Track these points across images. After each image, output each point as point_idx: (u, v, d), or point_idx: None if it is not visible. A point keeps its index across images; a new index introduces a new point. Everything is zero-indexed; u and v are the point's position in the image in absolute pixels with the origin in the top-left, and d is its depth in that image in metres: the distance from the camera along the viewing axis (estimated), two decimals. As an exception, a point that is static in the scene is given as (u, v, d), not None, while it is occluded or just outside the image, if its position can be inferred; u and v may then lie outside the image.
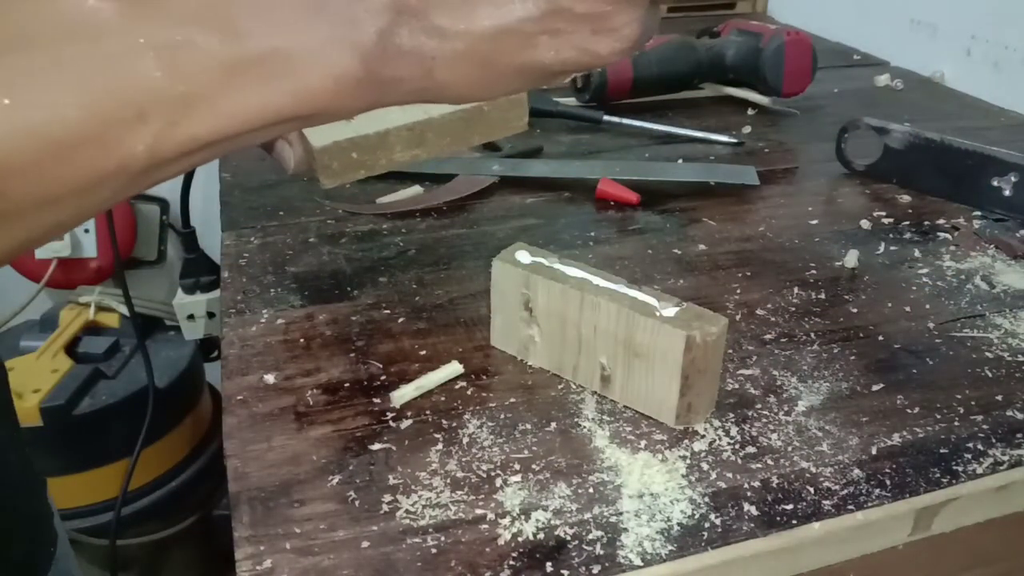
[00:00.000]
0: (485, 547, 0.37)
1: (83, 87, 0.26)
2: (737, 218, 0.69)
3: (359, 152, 0.45)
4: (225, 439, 0.44)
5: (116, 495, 1.11)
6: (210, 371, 1.32)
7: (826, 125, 0.87)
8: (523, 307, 0.48)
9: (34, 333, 1.18)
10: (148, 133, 0.27)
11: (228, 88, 0.27)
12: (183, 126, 0.27)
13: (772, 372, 0.50)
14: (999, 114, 0.95)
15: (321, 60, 0.28)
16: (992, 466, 0.43)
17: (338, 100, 0.30)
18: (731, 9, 1.39)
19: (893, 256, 0.63)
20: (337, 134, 0.44)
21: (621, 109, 0.89)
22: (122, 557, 1.14)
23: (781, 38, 0.89)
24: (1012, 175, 0.67)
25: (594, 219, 0.68)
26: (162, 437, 1.16)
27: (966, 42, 1.02)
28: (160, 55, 0.26)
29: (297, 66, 0.28)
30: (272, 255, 0.61)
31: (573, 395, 0.47)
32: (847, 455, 0.43)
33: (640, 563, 0.37)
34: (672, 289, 0.57)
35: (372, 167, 0.46)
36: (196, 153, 0.28)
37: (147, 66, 0.26)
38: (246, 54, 0.27)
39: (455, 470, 0.42)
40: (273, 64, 0.28)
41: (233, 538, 0.38)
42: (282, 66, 0.28)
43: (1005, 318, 0.55)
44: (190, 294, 0.80)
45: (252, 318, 0.54)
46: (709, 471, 0.42)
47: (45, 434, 1.04)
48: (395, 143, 0.46)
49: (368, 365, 0.49)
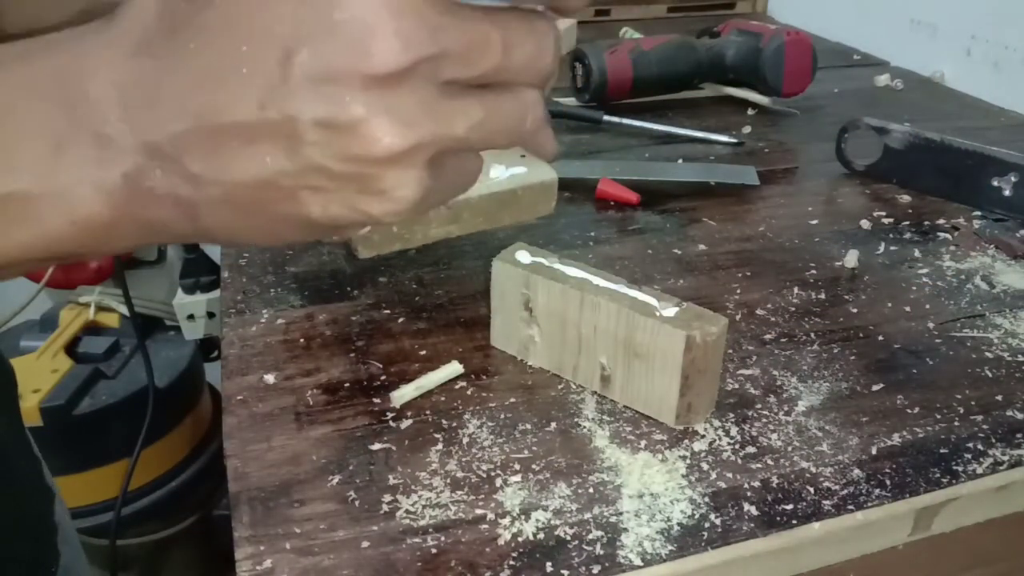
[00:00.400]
0: (485, 547, 0.37)
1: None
2: (737, 218, 0.69)
3: (399, 226, 0.47)
4: (225, 439, 0.44)
5: (116, 495, 1.11)
6: (210, 371, 1.32)
7: (826, 125, 0.87)
8: (523, 307, 0.48)
9: (34, 333, 1.18)
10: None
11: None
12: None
13: (772, 372, 0.50)
14: (999, 114, 0.95)
15: (62, 203, 0.27)
16: (992, 466, 0.43)
17: (88, 242, 0.29)
18: (731, 9, 1.40)
19: (893, 256, 0.63)
20: None
21: (621, 109, 0.89)
22: (122, 557, 1.14)
23: (781, 38, 0.89)
24: (1012, 175, 0.67)
25: (594, 219, 0.68)
26: (162, 437, 1.16)
27: (966, 42, 1.02)
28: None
29: (37, 210, 0.27)
30: (272, 255, 0.61)
31: (573, 395, 0.47)
32: (847, 455, 0.43)
33: (640, 563, 0.37)
34: (672, 289, 0.57)
35: (409, 240, 0.48)
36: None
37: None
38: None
39: (455, 470, 0.42)
40: (9, 208, 0.27)
41: (233, 538, 0.38)
42: (20, 210, 0.27)
43: (1005, 318, 0.55)
44: (190, 294, 0.80)
45: (252, 318, 0.54)
46: (709, 471, 0.42)
47: (45, 434, 1.04)
48: (433, 219, 0.47)
49: (368, 365, 0.49)
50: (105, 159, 0.27)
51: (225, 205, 0.28)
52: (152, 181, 0.27)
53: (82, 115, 0.27)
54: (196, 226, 0.29)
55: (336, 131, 0.26)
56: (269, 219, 0.29)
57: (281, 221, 0.29)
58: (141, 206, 0.28)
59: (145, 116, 0.27)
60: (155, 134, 0.27)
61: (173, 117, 0.26)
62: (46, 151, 0.27)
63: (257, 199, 0.28)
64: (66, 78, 0.27)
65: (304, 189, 0.27)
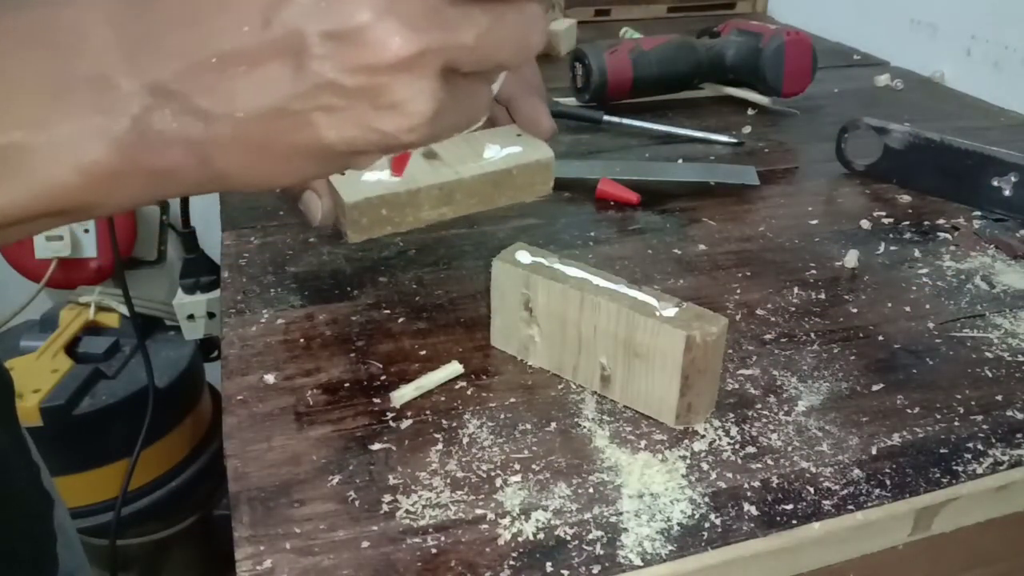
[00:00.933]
0: (485, 547, 0.37)
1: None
2: (737, 218, 0.69)
3: (388, 209, 0.45)
4: (225, 439, 0.44)
5: (116, 495, 1.11)
6: (210, 371, 1.32)
7: (826, 125, 0.87)
8: (523, 307, 0.48)
9: (34, 333, 1.18)
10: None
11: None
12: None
13: (772, 372, 0.50)
14: (999, 114, 0.95)
15: (65, 152, 0.26)
16: (992, 466, 0.43)
17: (95, 194, 0.27)
18: (731, 9, 1.39)
19: (893, 256, 0.63)
20: (368, 190, 0.44)
21: (621, 109, 0.89)
22: (122, 557, 1.14)
23: (781, 38, 0.89)
24: (1012, 175, 0.67)
25: (594, 219, 0.68)
26: (162, 437, 1.16)
27: (966, 42, 1.02)
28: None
29: (38, 160, 0.26)
30: (272, 255, 0.61)
31: (573, 395, 0.47)
32: (847, 455, 0.43)
33: (640, 563, 0.37)
34: (672, 289, 0.57)
35: (399, 224, 0.46)
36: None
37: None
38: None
39: (455, 470, 0.42)
40: (9, 159, 0.26)
41: (233, 538, 0.38)
42: (19, 161, 0.26)
43: (1005, 318, 0.55)
44: (190, 294, 0.80)
45: (252, 318, 0.54)
46: (709, 471, 0.42)
47: (45, 434, 1.04)
48: (424, 201, 0.46)
49: (368, 365, 0.49)
50: (110, 104, 0.26)
51: (238, 142, 0.27)
52: (162, 123, 0.26)
53: (79, 59, 0.26)
54: (210, 170, 0.28)
55: (344, 40, 0.25)
56: (283, 152, 0.28)
57: (296, 153, 0.28)
58: (152, 153, 0.27)
59: (147, 54, 0.26)
60: (159, 72, 0.26)
61: (176, 52, 0.26)
62: (46, 98, 0.26)
63: (269, 130, 0.27)
64: (59, 22, 0.26)
65: (316, 111, 0.27)
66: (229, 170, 0.28)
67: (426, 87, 0.27)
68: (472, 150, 0.48)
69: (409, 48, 0.25)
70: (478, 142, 0.49)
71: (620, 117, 0.86)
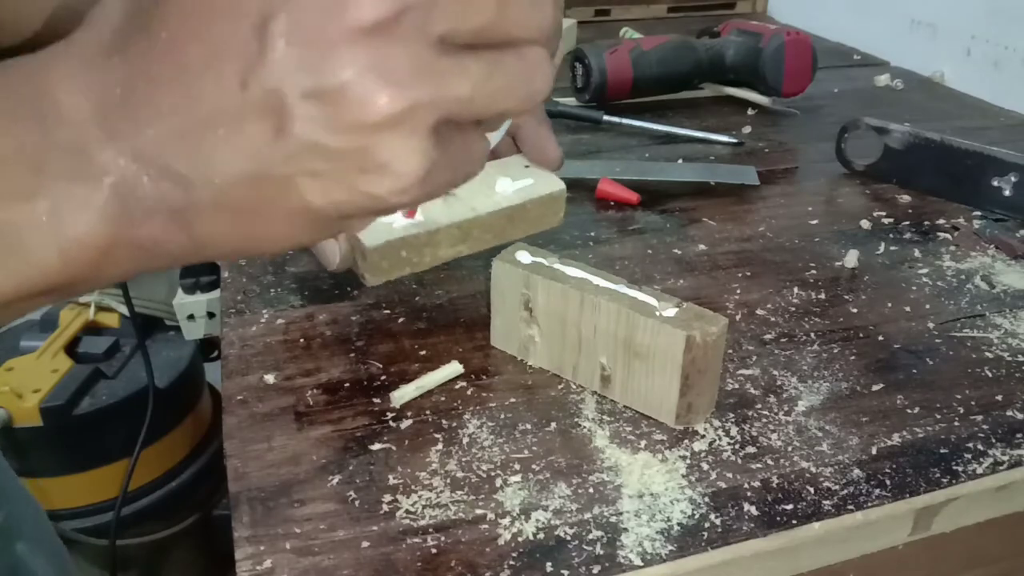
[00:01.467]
0: (485, 547, 0.37)
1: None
2: (737, 218, 0.69)
3: (408, 250, 0.45)
4: (225, 439, 0.44)
5: (116, 495, 1.10)
6: (210, 371, 1.32)
7: (826, 125, 0.87)
8: (523, 307, 0.48)
9: (34, 333, 1.18)
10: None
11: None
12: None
13: (772, 372, 0.50)
14: (999, 114, 0.95)
15: (49, 228, 0.25)
16: (992, 466, 0.43)
17: (82, 269, 0.26)
18: (731, 9, 1.40)
19: (893, 256, 0.63)
20: (388, 233, 0.44)
21: (621, 109, 0.89)
22: (122, 557, 1.14)
23: (781, 38, 0.89)
24: (1012, 175, 0.67)
25: (594, 219, 0.68)
26: (162, 437, 1.16)
27: (966, 42, 1.02)
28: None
29: (24, 238, 0.25)
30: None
31: (573, 395, 0.47)
32: (847, 455, 0.43)
33: (640, 563, 0.37)
34: (672, 289, 0.57)
35: (418, 264, 0.46)
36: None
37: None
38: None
39: (455, 470, 0.42)
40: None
41: (233, 538, 0.38)
42: (6, 240, 0.25)
43: (1005, 318, 0.55)
44: (190, 294, 0.80)
45: (252, 318, 0.54)
46: (709, 471, 0.42)
47: (45, 434, 1.04)
48: (443, 240, 0.46)
49: (368, 365, 0.49)
50: (87, 173, 0.25)
51: (219, 210, 0.26)
52: (141, 191, 0.25)
53: (56, 129, 0.25)
54: (193, 240, 0.27)
55: (326, 99, 0.23)
56: (268, 219, 0.26)
57: (282, 219, 0.27)
58: (135, 223, 0.26)
59: (122, 121, 0.25)
60: (134, 138, 0.25)
61: (151, 116, 0.25)
62: (25, 173, 0.25)
63: (252, 196, 0.25)
64: (36, 93, 0.25)
65: (300, 175, 0.25)
66: (214, 238, 0.27)
67: (416, 146, 0.25)
68: (484, 184, 0.48)
69: (396, 105, 0.24)
70: (489, 175, 0.49)
71: (620, 117, 0.86)
